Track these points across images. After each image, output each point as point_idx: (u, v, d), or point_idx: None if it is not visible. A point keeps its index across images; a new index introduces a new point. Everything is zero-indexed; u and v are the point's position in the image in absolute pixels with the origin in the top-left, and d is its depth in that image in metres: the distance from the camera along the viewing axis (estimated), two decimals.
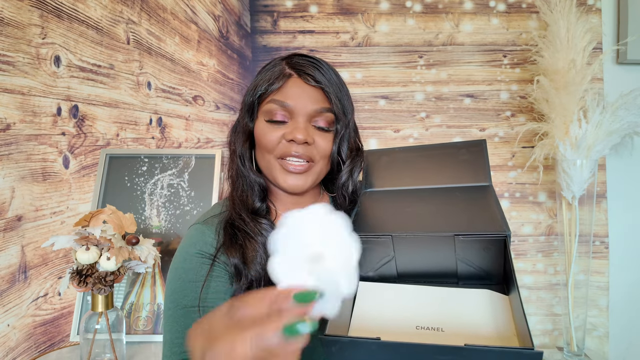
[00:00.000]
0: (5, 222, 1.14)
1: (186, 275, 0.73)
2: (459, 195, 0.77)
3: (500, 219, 0.67)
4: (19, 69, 1.17)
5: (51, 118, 1.27)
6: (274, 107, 0.73)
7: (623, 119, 1.19)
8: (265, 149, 0.75)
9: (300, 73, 0.73)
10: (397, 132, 1.47)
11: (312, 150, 0.74)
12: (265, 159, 0.76)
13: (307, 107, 0.72)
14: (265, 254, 0.71)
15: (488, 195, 0.75)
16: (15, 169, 1.17)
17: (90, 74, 1.34)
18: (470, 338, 0.58)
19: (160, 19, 1.42)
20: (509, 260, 0.63)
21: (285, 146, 0.73)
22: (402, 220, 0.71)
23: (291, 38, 1.46)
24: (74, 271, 1.03)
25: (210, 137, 1.45)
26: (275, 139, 0.73)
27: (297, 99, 0.72)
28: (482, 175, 0.79)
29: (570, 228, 1.26)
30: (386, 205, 0.77)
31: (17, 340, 1.17)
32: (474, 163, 0.81)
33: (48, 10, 1.24)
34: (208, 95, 1.44)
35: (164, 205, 1.34)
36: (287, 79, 0.73)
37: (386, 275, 0.73)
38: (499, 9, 1.46)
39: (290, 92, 0.72)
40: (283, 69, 0.74)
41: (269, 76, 0.74)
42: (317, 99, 0.73)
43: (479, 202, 0.74)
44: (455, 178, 0.80)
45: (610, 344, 1.45)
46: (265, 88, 0.73)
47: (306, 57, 0.75)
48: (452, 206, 0.74)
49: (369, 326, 0.63)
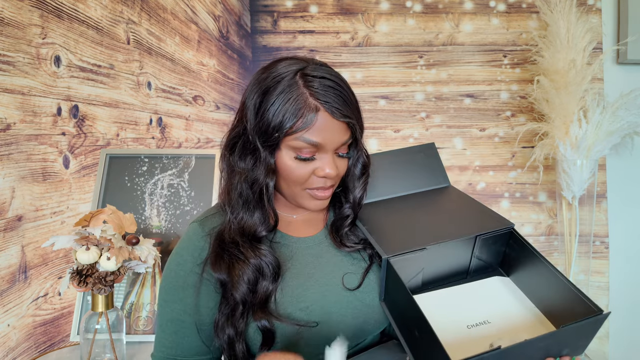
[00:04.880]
0: (6, 222, 1.14)
1: (176, 280, 0.75)
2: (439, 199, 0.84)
3: (499, 215, 0.77)
4: (19, 69, 1.17)
5: (51, 118, 1.27)
6: (302, 145, 0.69)
7: (623, 119, 1.19)
8: (294, 183, 0.74)
9: (327, 107, 0.68)
10: (397, 132, 1.47)
11: (335, 178, 0.75)
12: (292, 189, 0.75)
13: (335, 141, 0.71)
14: (254, 275, 0.71)
15: (463, 195, 0.84)
16: (15, 169, 1.17)
17: (91, 74, 1.34)
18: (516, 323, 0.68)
19: (161, 19, 1.42)
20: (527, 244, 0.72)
21: (315, 180, 0.73)
22: (425, 232, 0.74)
23: (291, 38, 1.46)
24: (74, 271, 1.03)
25: (211, 137, 1.45)
26: (305, 174, 0.72)
27: (326, 136, 0.70)
28: (442, 177, 0.88)
29: (570, 228, 1.26)
30: (388, 219, 0.79)
31: (17, 340, 1.17)
32: (432, 166, 0.88)
33: (48, 10, 1.24)
34: (208, 95, 1.44)
35: (164, 205, 1.34)
36: (315, 113, 0.68)
37: (412, 287, 0.75)
38: (499, 9, 1.46)
39: (320, 129, 0.69)
40: (306, 99, 0.68)
41: (291, 108, 0.68)
42: (343, 132, 0.71)
43: (465, 203, 0.82)
44: (420, 183, 0.87)
45: (610, 344, 1.45)
46: (291, 124, 0.68)
47: (327, 79, 0.70)
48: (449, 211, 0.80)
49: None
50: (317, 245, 0.80)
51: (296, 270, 0.75)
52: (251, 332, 0.71)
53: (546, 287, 0.69)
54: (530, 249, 0.71)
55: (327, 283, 0.75)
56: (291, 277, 0.75)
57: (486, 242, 0.74)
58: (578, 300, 0.63)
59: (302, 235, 0.80)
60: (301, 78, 0.69)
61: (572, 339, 0.62)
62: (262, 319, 0.69)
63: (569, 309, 0.64)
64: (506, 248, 0.77)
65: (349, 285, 0.76)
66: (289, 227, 0.81)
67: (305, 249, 0.79)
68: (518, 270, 0.75)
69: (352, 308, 0.74)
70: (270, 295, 0.71)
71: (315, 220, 0.83)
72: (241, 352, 0.71)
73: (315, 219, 0.84)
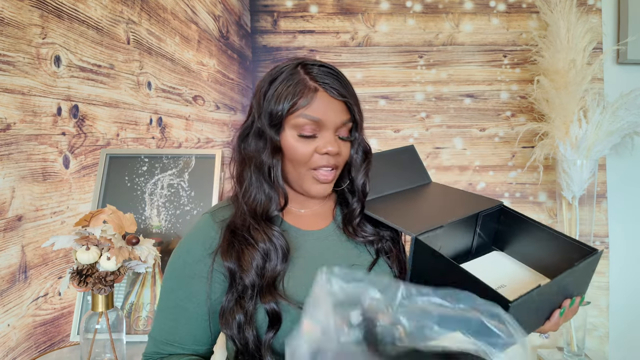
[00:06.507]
0: (6, 222, 1.14)
1: (183, 268, 0.77)
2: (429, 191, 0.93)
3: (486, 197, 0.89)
4: (19, 69, 1.17)
5: (51, 118, 1.27)
6: (304, 122, 0.75)
7: (623, 119, 1.19)
8: (298, 162, 0.78)
9: (326, 87, 0.76)
10: (397, 132, 1.47)
11: (338, 159, 0.79)
12: (297, 170, 0.79)
13: (335, 120, 0.77)
14: (263, 261, 0.75)
15: (448, 187, 0.95)
16: (15, 169, 1.17)
17: (91, 74, 1.34)
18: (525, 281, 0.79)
19: (161, 19, 1.42)
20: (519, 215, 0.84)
21: (318, 159, 0.78)
22: (437, 213, 0.82)
23: (291, 38, 1.46)
24: (74, 271, 1.03)
25: (211, 137, 1.45)
26: (308, 152, 0.77)
27: (326, 113, 0.76)
28: (425, 175, 0.98)
29: (570, 228, 1.26)
30: (394, 207, 0.84)
31: (17, 340, 1.17)
32: (414, 165, 0.97)
33: (48, 10, 1.24)
34: (208, 95, 1.44)
35: (164, 205, 1.34)
36: (314, 93, 0.75)
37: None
38: (499, 9, 1.46)
39: (319, 107, 0.75)
40: (306, 82, 0.76)
41: (292, 89, 0.75)
42: (342, 111, 0.78)
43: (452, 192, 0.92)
44: (408, 181, 0.95)
45: (610, 344, 1.45)
46: (292, 103, 0.75)
47: (325, 67, 0.78)
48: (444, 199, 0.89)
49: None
50: (325, 238, 0.83)
51: (304, 260, 0.78)
52: (260, 319, 0.73)
53: (545, 247, 0.81)
54: (523, 217, 0.83)
55: None
56: (299, 267, 0.77)
57: (485, 219, 0.84)
58: (574, 248, 0.76)
59: (310, 229, 0.83)
60: (302, 68, 0.77)
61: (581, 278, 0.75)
62: (271, 302, 0.71)
63: (566, 259, 0.75)
64: (497, 225, 0.87)
65: None
66: (297, 220, 0.84)
67: (314, 241, 0.82)
68: (510, 243, 0.87)
69: None
70: (278, 276, 0.74)
71: (323, 215, 0.87)
72: (252, 337, 0.72)
73: (324, 213, 0.87)
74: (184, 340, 0.76)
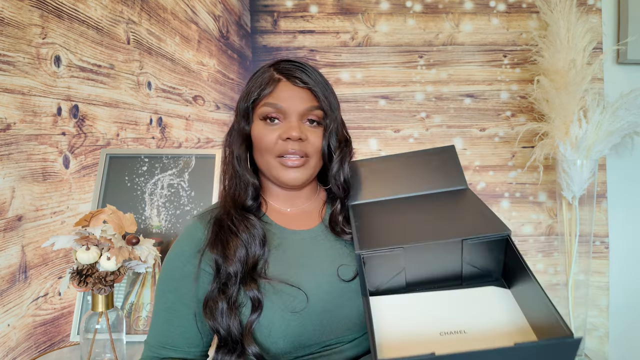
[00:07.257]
0: (6, 222, 1.14)
1: (173, 271, 0.79)
2: (445, 200, 0.82)
3: (498, 220, 0.72)
4: (19, 69, 1.17)
5: (51, 118, 1.27)
6: (267, 110, 0.79)
7: (623, 119, 1.19)
8: (264, 149, 0.80)
9: (288, 77, 0.80)
10: (397, 132, 1.47)
11: (306, 146, 0.80)
12: (265, 159, 0.81)
13: (298, 106, 0.79)
14: (246, 251, 0.76)
15: (473, 197, 0.81)
16: (15, 169, 1.17)
17: (91, 74, 1.34)
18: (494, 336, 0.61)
19: (161, 19, 1.42)
20: (518, 256, 0.66)
21: (282, 145, 0.79)
22: (407, 231, 0.73)
23: (291, 38, 1.46)
24: (74, 271, 1.03)
25: (211, 137, 1.45)
26: (272, 139, 0.79)
27: (288, 100, 0.79)
28: (458, 179, 0.86)
29: (570, 228, 1.26)
30: (381, 217, 0.80)
31: (17, 340, 1.17)
32: (447, 168, 0.87)
33: (48, 10, 1.24)
34: (208, 95, 1.45)
35: (164, 205, 1.34)
36: (277, 83, 0.80)
37: (395, 287, 0.73)
38: (499, 9, 1.47)
39: (282, 94, 0.79)
40: (272, 75, 0.80)
41: (259, 82, 0.80)
42: (306, 99, 0.80)
43: (468, 205, 0.79)
44: (434, 184, 0.86)
45: (610, 344, 1.45)
46: (257, 93, 0.80)
47: (292, 61, 0.82)
48: (446, 212, 0.79)
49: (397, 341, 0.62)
50: (313, 238, 0.83)
51: (287, 257, 0.79)
52: (244, 308, 0.74)
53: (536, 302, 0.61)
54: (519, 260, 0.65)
55: (321, 273, 0.78)
56: (283, 264, 0.78)
57: (477, 247, 0.69)
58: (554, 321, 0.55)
59: (297, 228, 0.84)
60: (273, 65, 0.82)
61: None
62: (254, 289, 0.73)
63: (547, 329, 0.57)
64: (505, 257, 0.71)
65: (344, 277, 0.79)
66: (283, 219, 0.85)
67: (299, 240, 0.82)
68: (515, 281, 0.68)
69: (347, 299, 0.77)
70: (259, 260, 0.76)
71: (311, 215, 0.87)
72: (235, 323, 0.73)
73: (311, 213, 0.87)
74: (177, 343, 0.77)
